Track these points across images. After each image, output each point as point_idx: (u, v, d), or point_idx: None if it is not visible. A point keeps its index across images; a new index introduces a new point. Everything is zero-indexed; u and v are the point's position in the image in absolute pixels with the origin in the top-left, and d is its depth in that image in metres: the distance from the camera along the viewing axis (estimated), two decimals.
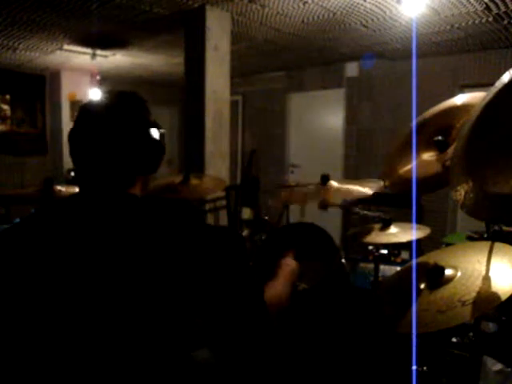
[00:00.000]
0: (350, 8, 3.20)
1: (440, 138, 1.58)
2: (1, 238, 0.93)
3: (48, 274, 0.85)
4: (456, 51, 4.42)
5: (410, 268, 1.39)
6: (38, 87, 5.99)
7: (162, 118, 6.62)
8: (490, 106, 1.08)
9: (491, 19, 3.36)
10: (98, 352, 0.84)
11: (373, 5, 3.13)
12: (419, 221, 2.61)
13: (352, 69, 5.31)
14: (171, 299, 0.87)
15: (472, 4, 3.05)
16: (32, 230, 0.91)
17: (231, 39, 3.52)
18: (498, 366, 1.54)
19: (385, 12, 3.29)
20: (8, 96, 5.70)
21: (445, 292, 1.16)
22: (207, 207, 3.49)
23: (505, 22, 3.42)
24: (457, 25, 3.54)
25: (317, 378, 1.70)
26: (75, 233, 0.88)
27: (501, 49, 4.21)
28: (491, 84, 1.11)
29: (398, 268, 1.98)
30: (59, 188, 2.26)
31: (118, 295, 0.84)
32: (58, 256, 0.86)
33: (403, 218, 2.08)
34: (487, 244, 1.26)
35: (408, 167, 1.71)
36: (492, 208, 0.99)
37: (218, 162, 3.51)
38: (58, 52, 4.69)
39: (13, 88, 5.72)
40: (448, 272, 1.22)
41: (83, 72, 5.78)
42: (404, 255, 3.12)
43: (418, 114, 1.82)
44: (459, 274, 1.20)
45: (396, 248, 3.07)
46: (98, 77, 5.31)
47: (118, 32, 3.89)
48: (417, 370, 1.59)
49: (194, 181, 2.42)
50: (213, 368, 0.92)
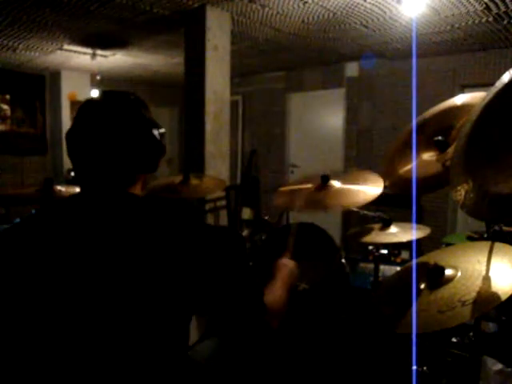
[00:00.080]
0: (350, 8, 3.20)
1: (440, 138, 1.58)
2: (1, 238, 0.93)
3: (48, 274, 0.85)
4: (456, 51, 4.42)
5: (410, 268, 1.39)
6: (38, 87, 5.99)
7: (162, 118, 6.62)
8: (490, 106, 1.08)
9: (491, 19, 3.36)
10: (98, 350, 0.84)
11: (373, 5, 3.13)
12: (419, 221, 2.62)
13: (352, 69, 5.31)
14: (171, 298, 0.87)
15: (472, 4, 3.05)
16: (32, 230, 0.91)
17: (231, 39, 3.52)
18: (498, 366, 1.54)
19: (385, 12, 3.29)
20: (8, 96, 5.70)
21: (445, 292, 1.16)
22: (207, 207, 3.49)
23: (505, 22, 3.41)
24: (457, 25, 3.54)
25: (317, 378, 1.70)
26: (76, 232, 0.88)
27: (501, 49, 4.21)
28: (491, 84, 1.11)
29: (398, 268, 1.98)
30: (59, 188, 2.26)
31: (119, 294, 0.84)
32: (59, 256, 0.86)
33: (403, 218, 2.08)
34: (487, 244, 1.26)
35: (408, 167, 1.71)
36: (492, 208, 0.99)
37: (218, 162, 3.51)
38: (58, 52, 4.69)
39: (13, 88, 5.72)
40: (448, 272, 1.22)
41: (83, 72, 5.79)
42: (404, 255, 3.12)
43: (418, 114, 1.82)
44: (459, 274, 1.20)
45: (396, 248, 3.08)
46: (98, 77, 5.31)
47: (118, 32, 3.89)
48: (417, 370, 1.60)
49: (194, 181, 2.42)
50: (211, 366, 0.92)
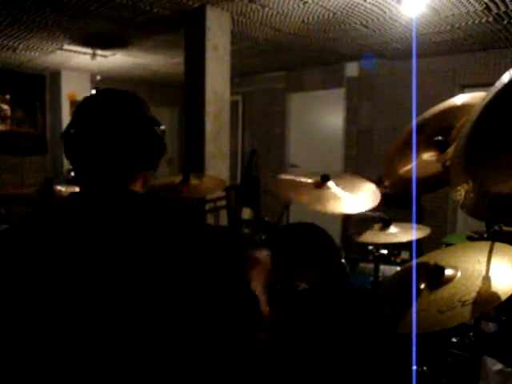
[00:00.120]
0: (350, 8, 3.20)
1: (440, 138, 1.58)
2: (1, 238, 0.93)
3: (49, 273, 0.85)
4: (456, 51, 4.42)
5: (410, 268, 1.39)
6: (38, 87, 5.99)
7: (162, 118, 6.57)
8: (490, 106, 1.08)
9: (491, 19, 3.36)
10: (98, 351, 0.84)
11: (373, 5, 3.13)
12: (419, 221, 2.62)
13: (352, 69, 5.31)
14: (171, 298, 0.87)
15: (472, 4, 3.05)
16: (32, 229, 0.91)
17: (231, 39, 3.52)
18: (498, 366, 1.54)
19: (385, 12, 3.29)
20: (8, 96, 5.70)
21: (445, 292, 1.16)
22: (207, 207, 3.49)
23: (505, 22, 3.42)
24: (457, 25, 3.54)
25: (317, 378, 1.70)
26: (76, 231, 0.88)
27: (501, 49, 4.21)
28: (491, 84, 1.11)
29: (398, 268, 1.98)
30: (59, 188, 2.26)
31: (119, 294, 0.84)
32: (59, 255, 0.86)
33: (403, 218, 2.08)
34: (487, 244, 1.27)
35: (408, 167, 1.71)
36: (492, 208, 0.99)
37: (218, 162, 3.51)
38: (58, 52, 4.69)
39: (13, 88, 5.72)
40: (448, 272, 1.22)
41: (83, 72, 5.79)
42: (404, 255, 3.12)
43: (418, 114, 1.82)
44: (459, 274, 1.20)
45: (396, 248, 3.08)
46: (98, 77, 5.31)
47: (118, 32, 3.89)
48: (417, 370, 1.59)
49: (194, 181, 2.42)
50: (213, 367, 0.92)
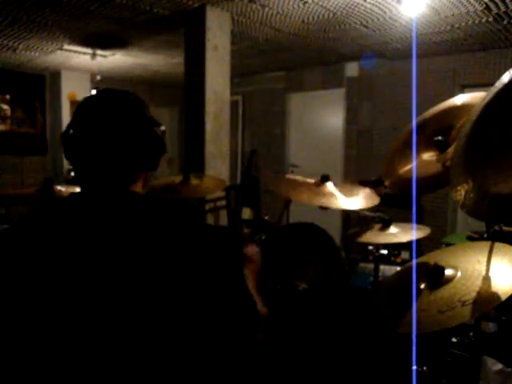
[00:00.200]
0: (350, 8, 3.20)
1: (440, 138, 1.58)
2: (2, 238, 0.93)
3: (49, 273, 0.85)
4: (456, 51, 4.42)
5: (410, 268, 1.39)
6: (38, 87, 5.99)
7: (162, 118, 6.61)
8: (490, 106, 1.09)
9: (491, 19, 3.36)
10: (99, 351, 0.84)
11: (373, 5, 3.13)
12: (419, 221, 2.62)
13: (352, 69, 5.31)
14: (170, 297, 0.87)
15: (472, 4, 3.05)
16: (33, 229, 0.91)
17: (231, 39, 3.52)
18: (498, 366, 1.54)
19: (385, 12, 3.29)
20: (8, 96, 5.70)
21: (445, 292, 1.16)
22: (207, 207, 3.49)
23: (505, 22, 3.42)
24: (457, 25, 3.54)
25: (317, 378, 1.70)
26: (77, 231, 0.88)
27: (501, 49, 4.21)
28: (491, 84, 1.11)
29: (398, 268, 1.98)
30: (59, 188, 2.26)
31: (119, 294, 0.84)
32: (60, 255, 0.86)
33: (403, 218, 2.08)
34: (487, 244, 1.27)
35: (408, 167, 1.71)
36: (492, 208, 0.99)
37: (218, 162, 3.51)
38: (58, 52, 4.69)
39: (13, 88, 5.72)
40: (448, 272, 1.22)
41: (83, 72, 5.79)
42: (404, 255, 3.12)
43: (418, 114, 1.82)
44: (459, 274, 1.20)
45: (396, 248, 3.08)
46: (98, 77, 5.31)
47: (118, 32, 3.89)
48: (417, 370, 1.59)
49: (194, 181, 2.42)
50: (212, 367, 0.92)
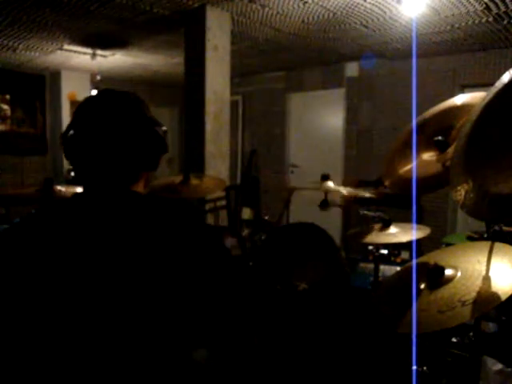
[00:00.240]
0: (350, 8, 3.20)
1: (440, 138, 1.58)
2: (3, 237, 0.93)
3: (51, 273, 0.85)
4: (456, 51, 4.42)
5: (410, 268, 1.39)
6: (38, 87, 5.99)
7: (162, 118, 6.57)
8: (490, 106, 1.08)
9: (491, 19, 3.36)
10: (99, 350, 0.84)
11: (373, 5, 3.13)
12: (419, 221, 2.62)
13: (352, 69, 5.31)
14: (171, 297, 0.87)
15: (472, 4, 3.05)
16: (35, 229, 0.91)
17: (231, 39, 3.52)
18: (498, 366, 1.54)
19: (385, 12, 3.29)
20: (8, 96, 5.70)
21: (445, 292, 1.16)
22: (207, 207, 3.49)
23: (505, 22, 3.42)
24: (457, 25, 3.54)
25: (317, 378, 1.70)
26: (80, 231, 0.88)
27: (501, 49, 4.21)
28: (491, 84, 1.11)
29: (398, 268, 1.98)
30: (59, 188, 2.26)
31: (120, 293, 0.85)
32: (62, 255, 0.86)
33: (403, 218, 2.08)
34: (487, 244, 1.26)
35: (408, 167, 1.71)
36: (492, 208, 0.99)
37: (218, 162, 3.51)
38: (58, 52, 4.69)
39: (13, 88, 5.72)
40: (448, 272, 1.21)
41: (83, 72, 5.79)
42: (404, 255, 3.12)
43: (418, 114, 1.82)
44: (459, 274, 1.20)
45: (396, 248, 3.08)
46: (98, 77, 5.31)
47: (118, 32, 3.89)
48: (417, 370, 1.60)
49: (194, 181, 2.42)
50: (210, 367, 0.92)
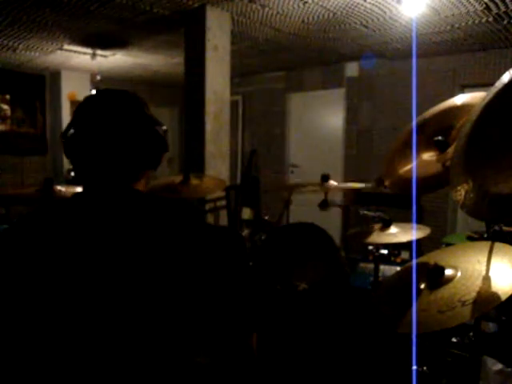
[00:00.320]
0: (350, 8, 3.20)
1: (440, 138, 1.58)
2: (4, 237, 0.93)
3: (53, 272, 0.85)
4: (456, 51, 4.42)
5: (410, 268, 1.39)
6: (38, 87, 5.98)
7: (162, 118, 6.56)
8: (490, 106, 1.08)
9: (491, 19, 3.36)
10: (101, 351, 0.84)
11: (373, 5, 3.13)
12: (419, 221, 2.61)
13: (352, 69, 5.31)
14: (172, 297, 0.87)
15: (472, 4, 3.05)
16: (36, 229, 0.91)
17: (231, 39, 3.52)
18: (498, 366, 1.54)
19: (385, 12, 3.29)
20: (8, 96, 5.70)
21: (445, 292, 1.16)
22: (207, 207, 3.49)
23: (505, 22, 3.42)
24: (457, 25, 3.54)
25: (317, 378, 1.70)
26: (82, 231, 0.88)
27: (501, 49, 4.21)
28: (491, 84, 1.11)
29: (398, 268, 1.98)
30: (59, 188, 2.26)
31: (121, 293, 0.85)
32: (64, 254, 0.86)
33: (403, 218, 2.08)
34: (487, 244, 1.26)
35: (408, 167, 1.71)
36: (492, 208, 0.99)
37: (218, 162, 3.51)
38: (58, 52, 4.69)
39: (13, 88, 5.72)
40: (448, 272, 1.22)
41: (83, 72, 5.79)
42: (404, 255, 3.12)
43: (418, 114, 1.82)
44: (459, 274, 1.20)
45: (396, 248, 3.07)
46: (98, 77, 5.31)
47: (118, 32, 3.89)
48: (417, 370, 1.60)
49: (194, 181, 2.42)
50: (211, 369, 0.92)
